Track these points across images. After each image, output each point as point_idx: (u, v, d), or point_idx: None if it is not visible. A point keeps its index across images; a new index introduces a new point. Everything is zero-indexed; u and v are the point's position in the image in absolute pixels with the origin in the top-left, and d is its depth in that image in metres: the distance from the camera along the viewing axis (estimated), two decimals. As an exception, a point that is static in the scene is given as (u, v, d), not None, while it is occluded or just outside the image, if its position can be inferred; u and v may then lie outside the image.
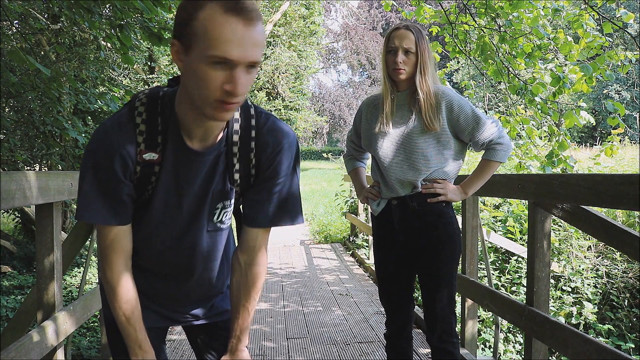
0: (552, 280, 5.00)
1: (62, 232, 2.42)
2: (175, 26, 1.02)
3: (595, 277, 5.08)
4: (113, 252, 1.15)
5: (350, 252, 7.18)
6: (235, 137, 1.15)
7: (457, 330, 2.08)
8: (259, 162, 1.18)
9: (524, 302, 2.31)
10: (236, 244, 1.31)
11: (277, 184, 1.19)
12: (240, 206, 1.29)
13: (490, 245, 5.11)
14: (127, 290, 1.17)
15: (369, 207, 2.18)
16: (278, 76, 20.27)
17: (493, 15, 4.71)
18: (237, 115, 1.16)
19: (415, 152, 1.96)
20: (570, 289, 5.00)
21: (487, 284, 2.80)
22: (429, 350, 2.11)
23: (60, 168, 5.83)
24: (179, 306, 1.33)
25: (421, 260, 2.03)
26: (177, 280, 1.28)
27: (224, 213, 1.23)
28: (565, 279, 5.06)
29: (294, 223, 1.23)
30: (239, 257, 1.26)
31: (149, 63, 9.54)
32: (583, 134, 27.47)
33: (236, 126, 1.16)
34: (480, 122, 1.95)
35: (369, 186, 2.16)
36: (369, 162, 2.36)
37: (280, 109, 20.21)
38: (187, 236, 1.21)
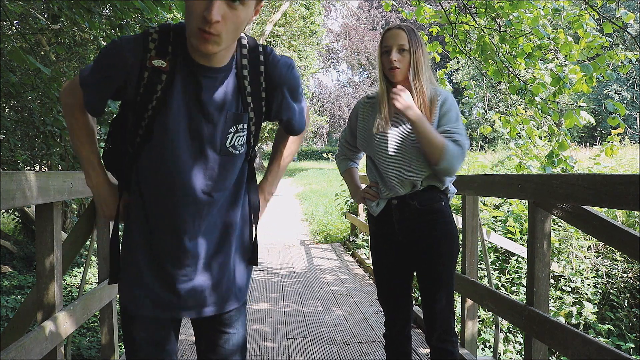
0: (552, 280, 5.00)
1: (62, 232, 2.42)
2: None
3: (595, 277, 5.08)
4: (79, 101, 1.31)
5: (350, 252, 7.18)
6: (245, 61, 1.24)
7: (456, 329, 2.08)
8: (269, 89, 1.28)
9: (524, 302, 2.31)
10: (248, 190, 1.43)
11: (295, 105, 1.36)
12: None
13: (490, 245, 5.11)
14: (86, 116, 1.33)
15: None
16: (278, 76, 20.27)
17: (493, 15, 4.71)
18: (244, 42, 1.25)
19: (413, 151, 1.96)
20: (570, 289, 5.01)
21: (487, 284, 2.80)
22: (429, 350, 2.11)
23: (60, 168, 5.84)
24: (191, 242, 1.28)
25: (420, 260, 2.03)
26: (191, 204, 1.26)
27: (237, 138, 1.28)
28: (565, 279, 5.06)
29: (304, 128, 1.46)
30: (275, 141, 1.53)
31: (149, 63, 9.53)
32: (583, 134, 27.48)
33: (244, 51, 1.24)
34: (455, 125, 1.96)
35: (365, 187, 2.16)
36: (360, 162, 2.36)
37: (280, 109, 20.20)
38: (200, 157, 1.24)
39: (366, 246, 6.98)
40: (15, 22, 4.62)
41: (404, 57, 1.95)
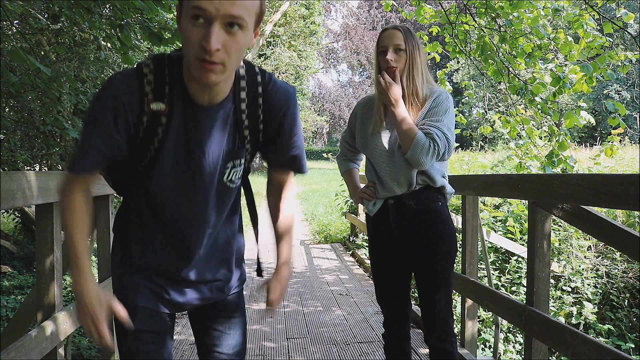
0: (552, 280, 5.00)
1: (62, 232, 2.42)
2: None
3: (595, 277, 5.08)
4: (77, 194, 1.20)
5: (350, 252, 7.19)
6: (243, 94, 1.19)
7: (456, 329, 2.08)
8: (267, 119, 1.23)
9: (524, 302, 2.31)
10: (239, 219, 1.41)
11: (288, 134, 1.27)
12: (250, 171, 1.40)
13: (490, 245, 5.11)
14: (81, 209, 1.20)
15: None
16: (278, 76, 20.28)
17: (493, 15, 4.71)
18: (242, 72, 1.20)
19: None
20: (570, 289, 5.01)
21: (487, 284, 2.80)
22: (429, 350, 2.11)
23: (60, 168, 5.84)
24: (186, 269, 1.31)
25: (418, 260, 2.03)
26: (187, 232, 1.28)
27: (234, 172, 1.26)
28: (565, 279, 5.06)
29: (303, 170, 1.36)
30: (270, 201, 1.41)
31: (149, 63, 9.52)
32: (583, 134, 27.47)
33: (242, 83, 1.19)
34: (436, 119, 1.93)
35: (363, 186, 2.17)
36: (362, 162, 2.37)
37: (280, 109, 20.20)
38: (198, 193, 1.23)
39: (366, 246, 6.98)
40: (15, 22, 4.62)
41: (400, 57, 1.96)
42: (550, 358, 4.58)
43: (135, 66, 1.17)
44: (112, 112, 1.12)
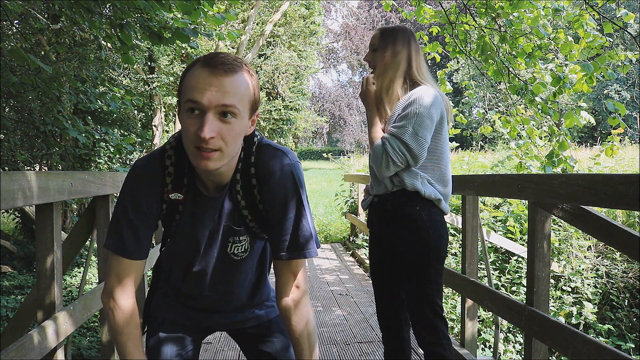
0: (552, 280, 5.00)
1: (62, 232, 2.42)
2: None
3: (595, 277, 5.08)
4: (121, 280, 1.24)
5: (350, 252, 7.18)
6: (238, 176, 1.22)
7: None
8: (263, 197, 1.23)
9: (524, 302, 2.31)
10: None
11: (279, 216, 1.21)
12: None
13: (490, 245, 5.11)
14: (125, 304, 1.24)
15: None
16: (278, 76, 20.24)
17: (493, 15, 4.71)
18: (242, 155, 1.23)
19: None
20: (570, 289, 5.01)
21: (487, 284, 2.80)
22: (423, 352, 2.11)
23: (60, 168, 5.84)
24: (213, 318, 1.45)
25: (398, 265, 2.02)
26: (203, 300, 1.41)
27: (235, 247, 1.31)
28: (565, 279, 5.06)
29: (303, 256, 1.23)
30: (279, 305, 1.31)
31: (149, 63, 9.55)
32: (583, 134, 27.46)
33: (240, 165, 1.23)
34: (401, 126, 1.85)
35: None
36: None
37: (280, 109, 20.19)
38: (200, 265, 1.32)
39: (366, 246, 6.98)
40: (15, 22, 4.62)
41: (375, 56, 2.04)
42: (550, 358, 4.58)
43: (159, 152, 1.22)
44: (137, 198, 1.21)
